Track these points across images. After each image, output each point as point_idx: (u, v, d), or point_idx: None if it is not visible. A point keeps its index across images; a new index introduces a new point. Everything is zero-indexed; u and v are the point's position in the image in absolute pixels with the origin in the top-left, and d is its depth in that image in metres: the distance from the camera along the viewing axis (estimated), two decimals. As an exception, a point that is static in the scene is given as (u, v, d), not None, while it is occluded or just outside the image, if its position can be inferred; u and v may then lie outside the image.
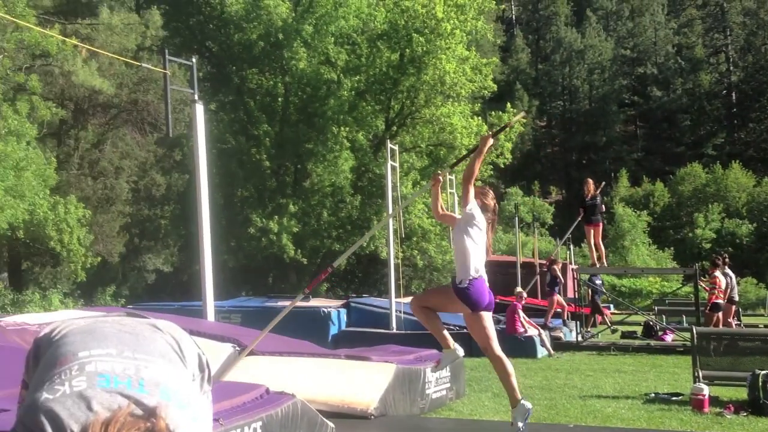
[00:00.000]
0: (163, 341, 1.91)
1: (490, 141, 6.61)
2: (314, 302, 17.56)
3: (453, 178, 21.71)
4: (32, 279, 28.84)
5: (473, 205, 6.27)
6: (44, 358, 1.83)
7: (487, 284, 6.34)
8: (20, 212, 20.63)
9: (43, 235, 24.23)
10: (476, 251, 6.24)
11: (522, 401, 6.25)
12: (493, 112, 31.17)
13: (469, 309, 6.23)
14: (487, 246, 6.41)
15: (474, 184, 6.31)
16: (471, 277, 6.19)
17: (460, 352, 6.68)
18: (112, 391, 1.67)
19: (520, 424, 6.18)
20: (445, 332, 6.54)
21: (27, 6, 22.34)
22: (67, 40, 22.13)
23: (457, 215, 6.53)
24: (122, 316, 2.02)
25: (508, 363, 6.39)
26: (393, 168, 15.97)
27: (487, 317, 6.32)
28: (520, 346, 14.67)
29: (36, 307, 24.14)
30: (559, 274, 19.13)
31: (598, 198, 16.82)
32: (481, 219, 6.28)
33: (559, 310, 19.32)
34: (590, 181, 17.23)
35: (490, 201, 6.49)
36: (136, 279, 32.89)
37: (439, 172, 6.86)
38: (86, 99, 29.83)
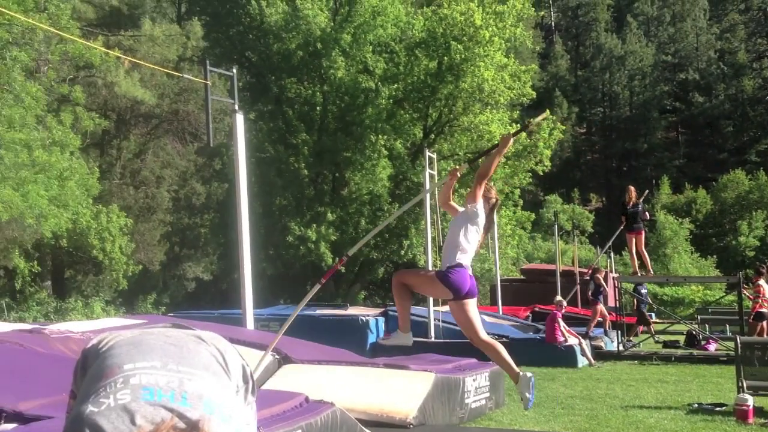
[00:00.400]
0: (207, 353, 1.92)
1: (511, 141, 6.55)
2: (352, 310, 17.57)
3: (492, 185, 21.66)
4: (75, 287, 29.27)
5: (480, 206, 6.28)
6: (91, 369, 1.85)
7: (470, 272, 6.29)
8: (64, 221, 20.97)
9: (85, 243, 24.62)
10: (467, 248, 6.23)
11: (521, 374, 6.25)
12: (531, 120, 30.96)
13: (451, 294, 6.19)
14: (479, 243, 6.42)
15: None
16: (456, 262, 6.15)
17: (409, 341, 6.62)
18: (155, 404, 1.69)
19: (528, 395, 6.19)
20: (409, 316, 6.53)
21: (71, 18, 22.75)
22: (110, 51, 22.48)
23: (460, 208, 6.48)
24: (168, 328, 2.03)
25: (498, 344, 6.39)
26: (431, 176, 15.94)
27: (471, 304, 6.28)
28: (560, 356, 14.54)
29: (79, 314, 24.51)
30: (603, 283, 18.92)
31: (640, 206, 16.60)
32: (482, 221, 6.31)
33: (600, 319, 19.11)
34: (632, 188, 17.02)
35: (493, 195, 6.53)
36: (176, 287, 33.21)
37: (458, 167, 6.82)
38: (128, 109, 30.31)
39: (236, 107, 12.09)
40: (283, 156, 28.16)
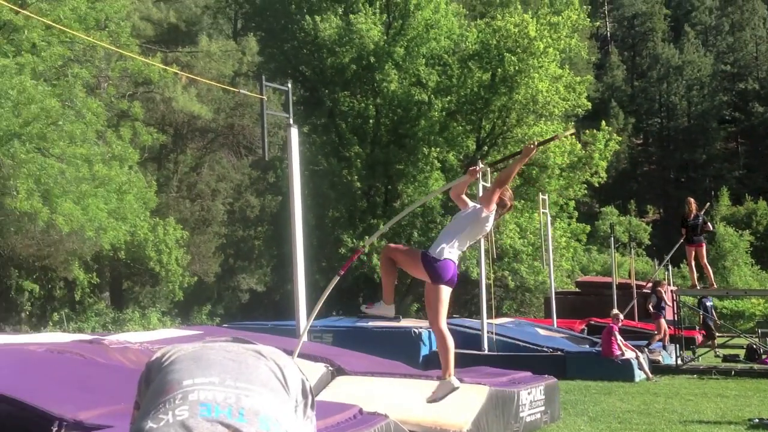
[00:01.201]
0: (266, 368, 1.93)
1: (534, 151, 6.51)
2: (405, 323, 17.53)
3: (546, 197, 21.44)
4: (132, 298, 29.81)
5: (492, 214, 6.22)
6: (153, 383, 1.89)
7: (455, 264, 6.20)
8: (122, 234, 21.38)
9: (143, 255, 25.07)
10: (461, 248, 6.20)
11: (451, 379, 6.21)
12: (587, 131, 30.66)
13: (429, 279, 6.14)
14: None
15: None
16: (444, 258, 6.07)
17: (392, 312, 6.63)
18: (212, 420, 1.71)
19: (439, 395, 6.22)
20: (392, 289, 6.54)
21: (130, 36, 23.28)
22: (168, 68, 22.93)
23: (471, 204, 6.40)
24: (229, 342, 2.05)
25: (450, 340, 6.33)
26: (484, 188, 15.85)
27: (445, 292, 6.18)
28: (616, 370, 14.33)
29: (136, 325, 24.94)
30: (665, 297, 18.57)
31: (700, 218, 16.27)
32: (488, 228, 6.29)
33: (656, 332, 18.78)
34: (692, 200, 16.68)
35: (508, 200, 6.41)
36: (231, 298, 33.59)
37: (477, 167, 6.77)
38: (185, 124, 30.86)
39: (291, 121, 12.23)
40: (336, 168, 28.34)
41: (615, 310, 16.85)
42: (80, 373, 6.15)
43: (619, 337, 14.87)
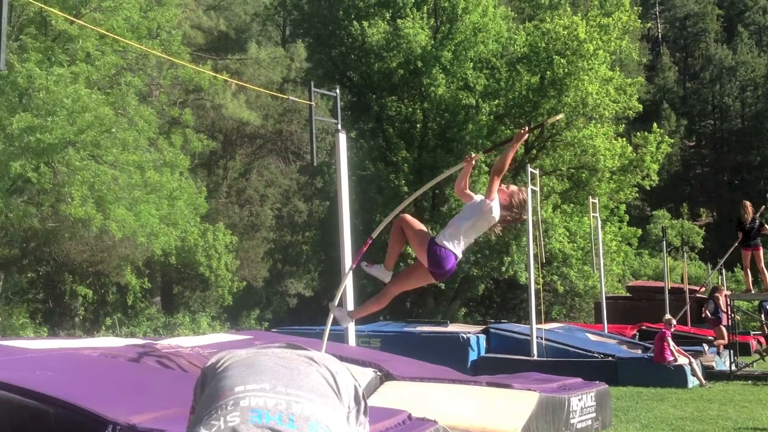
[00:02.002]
0: (317, 375, 1.94)
1: (525, 136, 6.43)
2: (452, 328, 17.48)
3: (596, 201, 21.19)
4: (183, 303, 30.22)
5: (496, 204, 6.07)
6: (207, 389, 1.92)
7: (456, 259, 6.17)
8: (173, 239, 21.68)
9: (193, 260, 25.41)
10: (468, 237, 6.14)
11: (350, 314, 6.75)
12: (638, 133, 30.25)
13: (427, 265, 6.11)
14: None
15: (503, 181, 6.18)
16: (448, 249, 6.04)
17: (387, 278, 6.60)
18: (263, 427, 1.73)
19: (337, 315, 6.76)
20: (395, 257, 6.57)
21: (181, 44, 23.63)
22: (218, 75, 23.21)
23: (476, 197, 6.27)
24: (282, 348, 2.07)
25: (381, 306, 6.60)
26: (533, 192, 15.75)
27: (429, 279, 6.26)
28: (669, 376, 14.13)
29: (186, 329, 25.29)
30: (722, 302, 18.22)
31: (757, 221, 15.94)
32: (493, 219, 6.12)
33: (710, 337, 18.44)
34: (748, 203, 16.34)
35: (514, 202, 6.22)
36: (279, 303, 33.85)
37: (473, 155, 6.67)
38: (234, 130, 31.23)
39: (339, 126, 12.30)
40: (383, 173, 28.38)
41: (667, 315, 16.61)
42: (133, 378, 6.25)
43: (671, 342, 14.65)
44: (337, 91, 12.95)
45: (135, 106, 20.45)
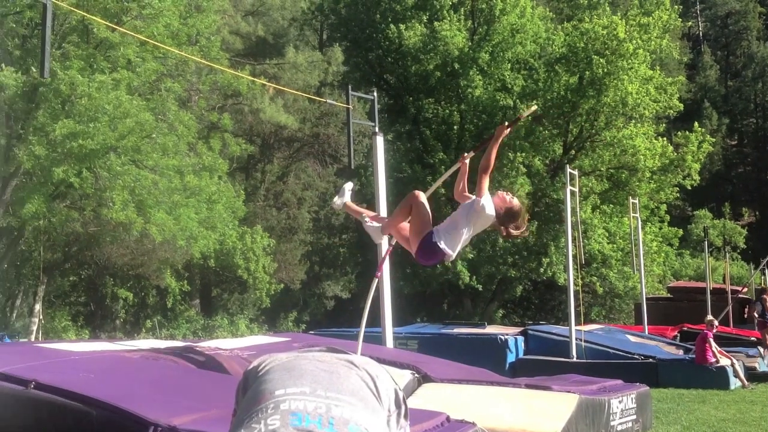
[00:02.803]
0: (357, 378, 1.95)
1: (506, 131, 6.46)
2: (490, 329, 17.40)
3: (637, 201, 20.97)
4: (221, 305, 30.49)
5: (487, 201, 5.94)
6: (249, 392, 1.94)
7: (446, 257, 6.04)
8: (212, 242, 21.90)
9: (231, 263, 25.65)
10: (459, 239, 6.01)
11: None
12: (679, 132, 29.86)
13: (416, 247, 6.02)
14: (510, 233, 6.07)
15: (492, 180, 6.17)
16: (443, 248, 5.94)
17: (379, 240, 6.96)
18: (302, 430, 1.75)
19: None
20: (396, 226, 6.41)
21: (220, 50, 23.88)
22: (256, 80, 23.40)
23: (472, 196, 6.15)
24: (323, 351, 2.09)
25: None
26: (572, 193, 15.63)
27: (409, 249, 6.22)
28: (711, 377, 13.95)
29: (224, 332, 25.52)
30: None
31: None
32: (489, 217, 5.96)
33: (754, 338, 18.12)
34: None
35: (505, 206, 6.01)
36: (316, 305, 33.98)
37: (466, 155, 6.59)
38: (272, 134, 31.46)
39: (376, 129, 12.34)
40: (420, 175, 28.37)
41: (709, 316, 16.38)
42: (174, 379, 6.32)
43: (713, 343, 14.45)
44: (374, 94, 12.97)
45: (175, 111, 20.70)
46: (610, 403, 7.96)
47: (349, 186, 6.91)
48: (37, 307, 21.99)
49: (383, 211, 11.87)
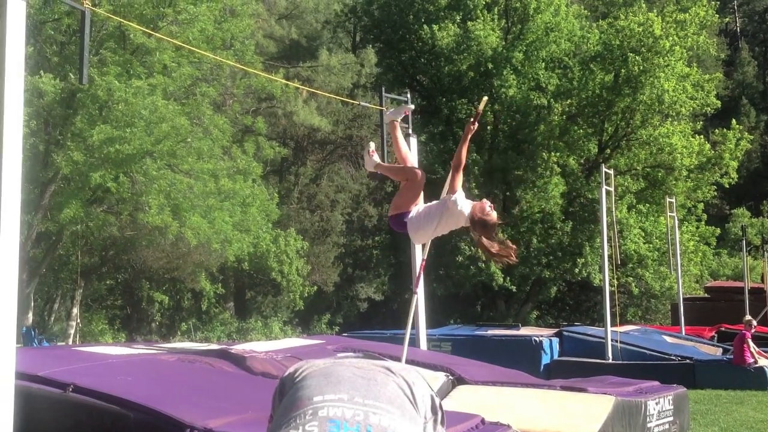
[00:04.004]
0: (394, 386, 1.96)
1: (474, 127, 6.54)
2: (524, 331, 17.30)
3: (673, 200, 20.74)
4: (255, 308, 30.68)
5: (460, 197, 6.05)
6: (286, 398, 1.95)
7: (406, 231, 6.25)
8: (246, 245, 22.04)
9: (265, 266, 25.81)
10: (435, 232, 6.20)
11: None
12: (716, 130, 29.46)
13: (390, 212, 6.39)
14: (489, 249, 5.96)
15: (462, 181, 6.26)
16: (409, 231, 6.20)
17: (371, 168, 6.94)
18: None
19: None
20: (389, 170, 6.95)
21: (254, 54, 24.05)
22: (289, 83, 23.53)
23: (445, 193, 6.32)
24: (360, 358, 2.10)
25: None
26: (608, 192, 15.49)
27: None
28: (749, 378, 13.76)
29: (258, 334, 25.68)
30: None
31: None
32: (457, 217, 6.04)
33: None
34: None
35: (477, 215, 6.00)
36: (349, 307, 34.06)
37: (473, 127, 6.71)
38: (306, 137, 31.62)
39: (410, 131, 12.34)
40: (453, 176, 28.28)
41: (747, 316, 16.15)
42: (209, 382, 6.38)
43: (751, 344, 14.25)
44: (407, 95, 12.96)
45: (210, 115, 20.90)
46: (647, 404, 7.88)
47: (371, 147, 6.97)
48: (75, 310, 22.33)
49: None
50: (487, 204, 6.04)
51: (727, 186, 29.54)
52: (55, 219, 18.92)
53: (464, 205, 6.04)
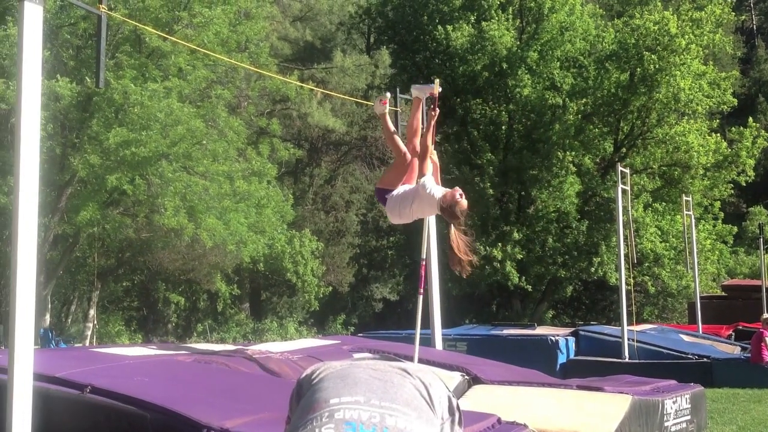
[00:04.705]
0: (411, 387, 1.96)
1: (435, 113, 6.93)
2: (540, 330, 17.27)
3: (690, 198, 20.66)
4: (270, 308, 30.75)
5: (429, 181, 6.22)
6: (303, 399, 1.96)
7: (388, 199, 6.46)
8: (261, 246, 22.10)
9: (280, 267, 25.88)
10: (410, 216, 6.37)
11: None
12: (733, 128, 29.28)
13: (378, 183, 6.73)
14: (457, 246, 6.19)
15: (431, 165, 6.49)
16: (387, 207, 6.46)
17: (379, 111, 7.21)
18: None
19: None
20: (393, 138, 7.03)
21: (269, 56, 24.10)
22: (304, 84, 23.58)
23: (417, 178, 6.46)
24: (376, 360, 2.11)
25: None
26: (623, 191, 15.44)
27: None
28: (767, 376, 13.64)
29: (274, 335, 25.74)
30: None
31: None
32: (428, 202, 6.16)
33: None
34: None
35: (447, 201, 6.15)
36: (365, 307, 34.07)
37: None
38: (320, 138, 31.66)
39: (424, 131, 12.30)
40: (468, 176, 28.26)
41: (765, 314, 16.08)
42: (226, 383, 6.41)
43: (770, 343, 14.16)
44: (423, 98, 12.96)
45: (225, 117, 20.96)
46: (664, 403, 7.85)
47: (386, 96, 7.38)
48: (92, 312, 22.47)
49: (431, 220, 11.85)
50: (458, 191, 6.17)
51: (744, 184, 29.40)
52: (72, 221, 19.03)
53: (434, 189, 6.22)
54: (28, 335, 5.23)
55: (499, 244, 27.09)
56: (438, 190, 6.22)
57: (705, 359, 14.55)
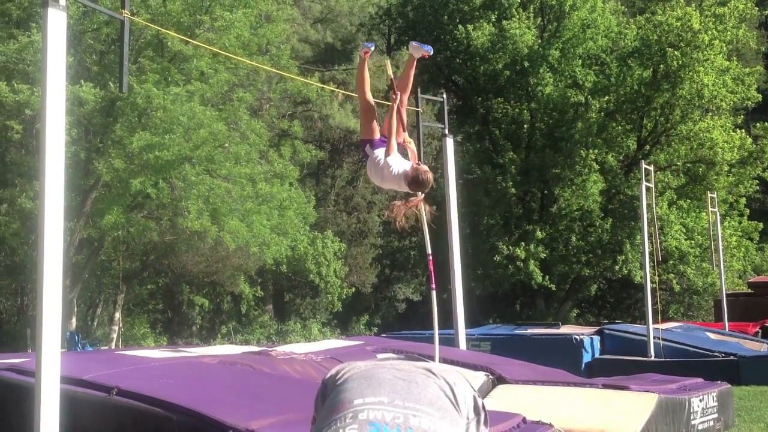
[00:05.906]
0: (435, 387, 1.96)
1: (396, 97, 6.94)
2: (565, 329, 17.17)
3: (715, 195, 20.49)
4: (294, 310, 30.85)
5: (392, 160, 6.49)
6: (327, 400, 1.97)
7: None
8: (284, 248, 22.19)
9: (303, 268, 25.97)
10: (380, 173, 6.53)
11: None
12: (758, 123, 28.97)
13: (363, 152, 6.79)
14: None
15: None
16: (372, 153, 6.64)
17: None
18: None
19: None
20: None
21: (290, 58, 24.18)
22: (325, 86, 23.64)
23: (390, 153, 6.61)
24: (401, 360, 2.11)
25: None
26: (648, 188, 15.33)
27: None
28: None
29: (297, 336, 25.82)
30: None
31: None
32: (395, 177, 6.42)
33: None
34: None
35: (423, 180, 6.41)
36: (388, 308, 34.07)
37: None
38: (341, 139, 31.71)
39: (446, 131, 12.34)
40: (490, 176, 28.19)
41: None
42: (251, 384, 6.44)
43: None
44: (443, 95, 12.97)
45: (246, 120, 21.06)
46: (691, 401, 7.79)
47: (370, 47, 7.31)
48: (117, 315, 22.65)
49: (453, 209, 11.83)
50: (423, 166, 6.51)
51: (768, 179, 29.09)
52: (97, 225, 19.21)
53: (397, 164, 6.49)
54: (54, 338, 5.28)
55: (522, 243, 27.00)
56: (403, 165, 6.50)
57: (732, 357, 14.40)
